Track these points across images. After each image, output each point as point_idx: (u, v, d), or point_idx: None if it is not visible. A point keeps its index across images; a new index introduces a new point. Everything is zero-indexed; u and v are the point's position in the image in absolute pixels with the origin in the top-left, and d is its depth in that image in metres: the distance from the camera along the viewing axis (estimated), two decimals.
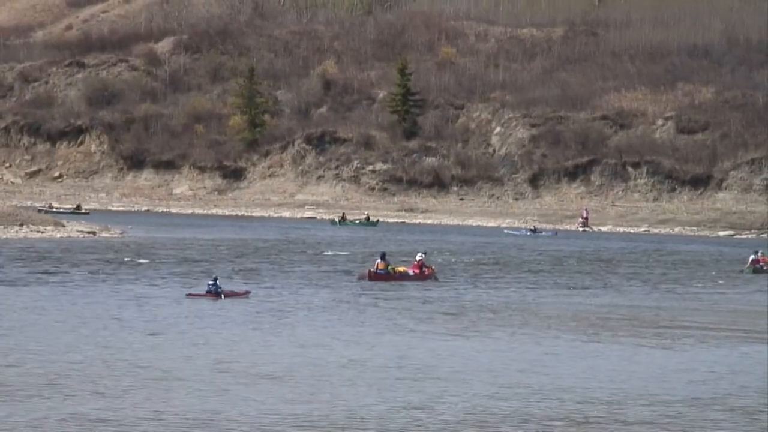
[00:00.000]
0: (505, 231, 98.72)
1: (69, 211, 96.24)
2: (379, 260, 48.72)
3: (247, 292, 42.51)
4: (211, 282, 41.30)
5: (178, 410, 21.38)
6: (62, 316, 34.20)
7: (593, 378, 25.98)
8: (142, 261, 54.68)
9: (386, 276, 47.53)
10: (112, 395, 22.61)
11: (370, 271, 48.31)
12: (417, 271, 48.34)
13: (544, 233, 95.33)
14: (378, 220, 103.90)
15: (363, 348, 29.94)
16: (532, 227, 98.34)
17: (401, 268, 48.56)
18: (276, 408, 21.88)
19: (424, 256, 50.31)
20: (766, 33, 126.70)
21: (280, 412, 21.46)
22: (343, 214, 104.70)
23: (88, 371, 25.20)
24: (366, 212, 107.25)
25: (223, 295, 40.77)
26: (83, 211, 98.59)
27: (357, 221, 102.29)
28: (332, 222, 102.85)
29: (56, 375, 24.64)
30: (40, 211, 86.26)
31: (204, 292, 40.94)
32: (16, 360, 26.32)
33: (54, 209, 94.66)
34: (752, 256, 61.87)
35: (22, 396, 22.34)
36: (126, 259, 55.06)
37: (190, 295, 41.38)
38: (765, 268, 59.48)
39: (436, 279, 48.43)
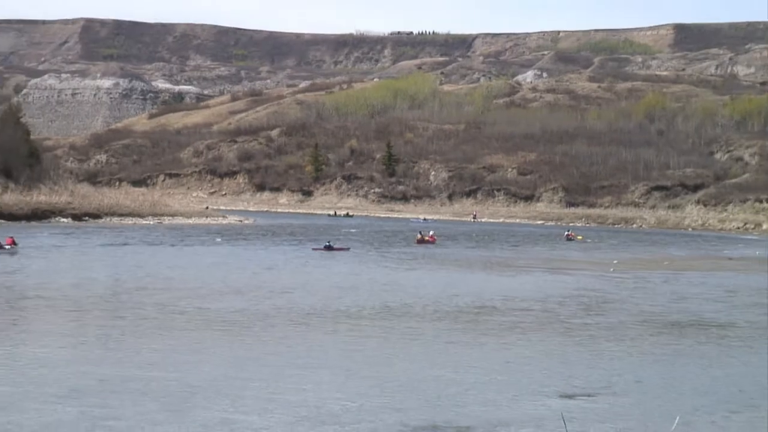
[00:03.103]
0: (411, 220, 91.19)
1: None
2: (418, 234, 48.24)
3: (348, 248, 40.01)
4: (327, 242, 39.75)
5: (286, 303, 21.44)
6: (239, 262, 33.70)
7: (483, 290, 25.99)
8: (268, 233, 54.33)
9: (423, 241, 46.55)
10: (258, 298, 22.64)
11: (417, 239, 47.11)
12: (434, 239, 47.48)
13: (430, 221, 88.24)
14: (353, 215, 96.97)
15: (382, 274, 29.72)
16: (423, 218, 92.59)
17: (428, 237, 47.25)
18: (333, 300, 21.97)
19: (434, 232, 49.83)
20: (561, 127, 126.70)
21: (336, 302, 21.56)
22: (335, 211, 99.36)
23: (251, 285, 25.09)
24: (347, 210, 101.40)
25: (334, 249, 38.41)
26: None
27: (342, 215, 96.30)
28: (328, 215, 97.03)
29: (228, 289, 24.57)
30: None
31: (322, 247, 38.97)
32: (212, 282, 26.22)
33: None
34: (566, 232, 61.32)
35: (211, 299, 22.38)
36: (263, 234, 54.50)
37: (315, 249, 39.12)
38: (572, 238, 58.19)
39: (433, 243, 46.67)
